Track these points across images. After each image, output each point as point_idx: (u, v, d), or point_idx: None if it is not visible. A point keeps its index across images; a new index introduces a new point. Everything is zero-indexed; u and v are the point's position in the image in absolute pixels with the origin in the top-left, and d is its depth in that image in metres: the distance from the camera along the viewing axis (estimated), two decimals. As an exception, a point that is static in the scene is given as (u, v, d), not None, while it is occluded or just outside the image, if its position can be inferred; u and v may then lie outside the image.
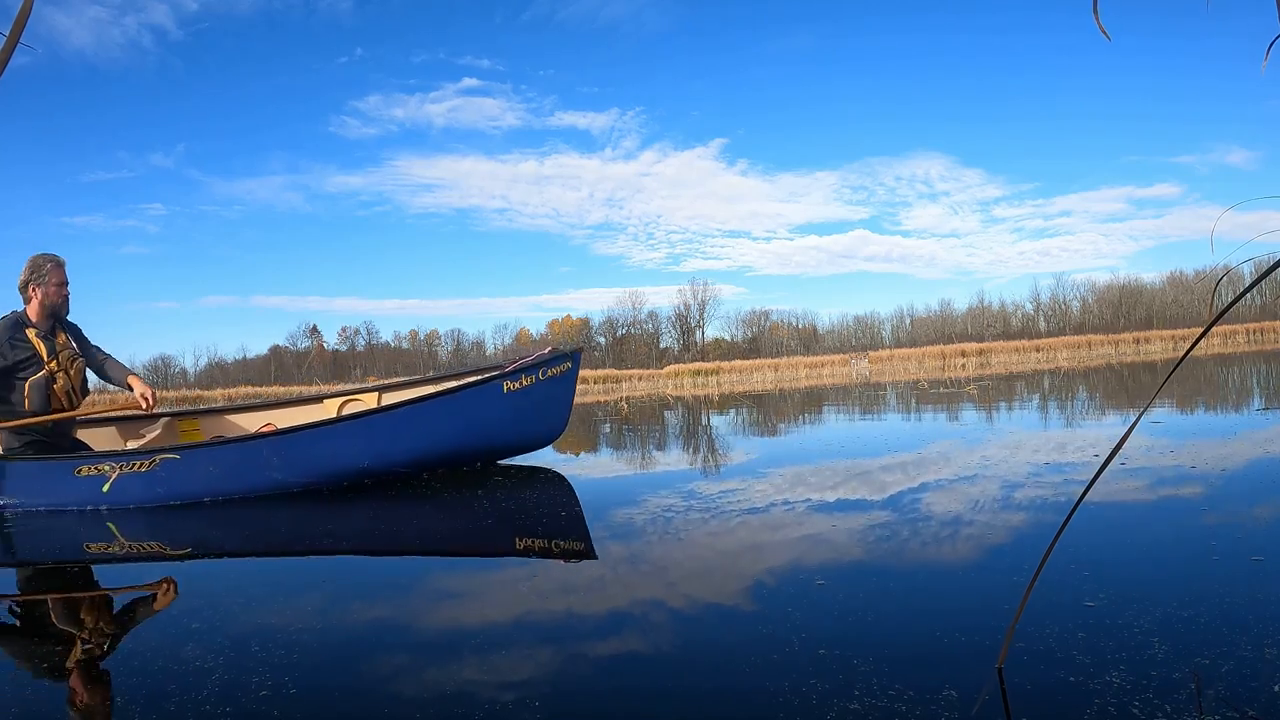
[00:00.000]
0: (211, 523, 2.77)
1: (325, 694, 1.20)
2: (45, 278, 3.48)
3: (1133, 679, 1.08)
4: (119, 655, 1.43)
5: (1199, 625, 1.26)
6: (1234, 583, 1.46)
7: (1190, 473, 2.63)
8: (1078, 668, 1.13)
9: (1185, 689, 1.05)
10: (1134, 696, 1.03)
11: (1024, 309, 57.33)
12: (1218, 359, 13.82)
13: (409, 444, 3.45)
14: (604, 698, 1.15)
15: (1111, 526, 1.99)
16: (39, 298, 3.48)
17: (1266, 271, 1.04)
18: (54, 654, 1.46)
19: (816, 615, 1.43)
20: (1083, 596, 1.44)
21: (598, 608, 1.58)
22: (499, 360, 8.10)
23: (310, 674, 1.28)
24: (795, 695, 1.11)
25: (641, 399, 14.37)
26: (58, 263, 3.52)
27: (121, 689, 1.25)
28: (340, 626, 1.53)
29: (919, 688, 1.10)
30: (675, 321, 59.39)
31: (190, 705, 1.16)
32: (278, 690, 1.20)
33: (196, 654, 1.38)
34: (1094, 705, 1.02)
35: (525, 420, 3.79)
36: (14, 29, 0.68)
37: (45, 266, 3.48)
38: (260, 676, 1.26)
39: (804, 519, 2.29)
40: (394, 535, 2.43)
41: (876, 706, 1.05)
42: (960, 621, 1.36)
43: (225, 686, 1.23)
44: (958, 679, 1.12)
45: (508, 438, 3.82)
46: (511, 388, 3.68)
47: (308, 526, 2.71)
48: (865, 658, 1.23)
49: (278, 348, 59.13)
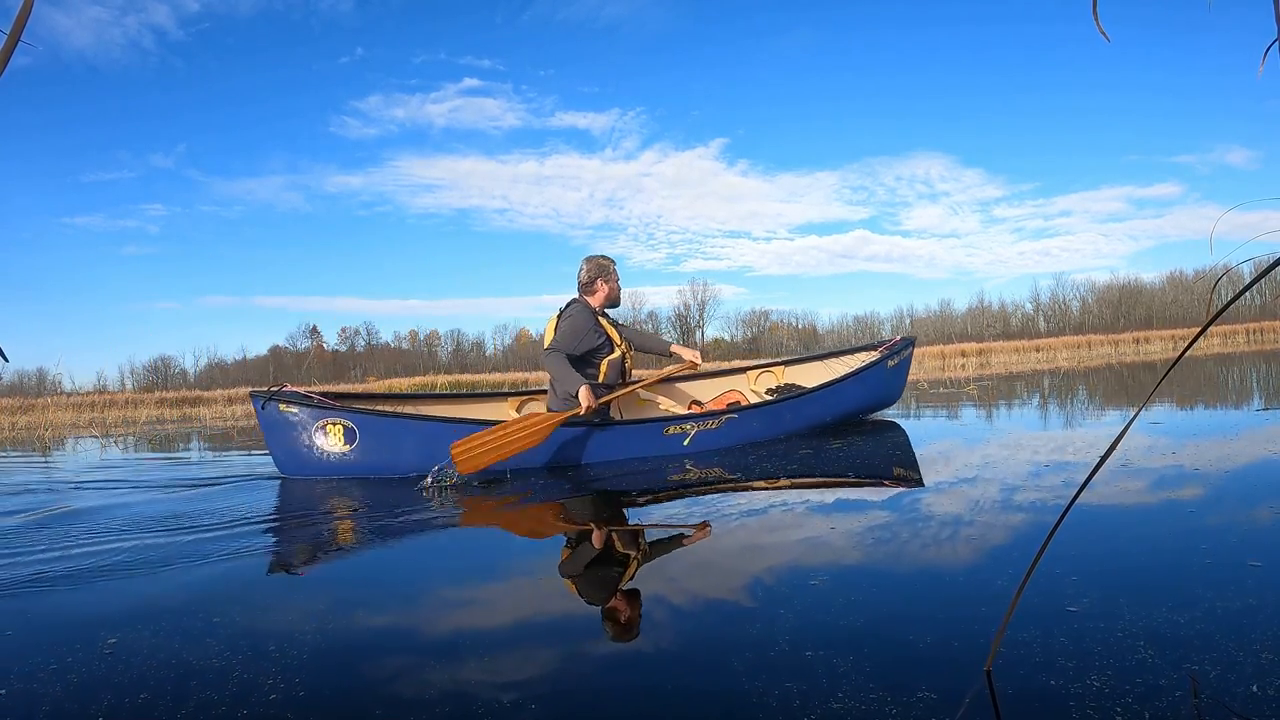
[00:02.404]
0: (759, 458, 3.72)
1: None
2: (610, 275, 4.17)
3: (1121, 682, 1.08)
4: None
5: (1191, 630, 1.26)
6: (1227, 587, 1.46)
7: (1189, 473, 2.63)
8: (1066, 671, 1.13)
9: (1173, 693, 1.04)
10: (1121, 700, 1.03)
11: (1024, 309, 57.41)
12: (1217, 358, 13.81)
13: (842, 405, 4.93)
14: (599, 695, 1.15)
15: (1106, 528, 1.98)
16: (605, 291, 4.17)
17: (1265, 271, 1.04)
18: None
19: (808, 616, 1.43)
20: (1073, 599, 1.43)
21: (593, 606, 1.59)
22: (498, 360, 8.82)
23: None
24: (779, 696, 1.10)
25: (641, 399, 14.33)
26: (613, 261, 4.25)
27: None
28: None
29: (905, 689, 1.10)
30: (675, 321, 59.44)
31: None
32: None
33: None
34: (1082, 708, 1.02)
35: (890, 388, 5.29)
36: (14, 29, 0.68)
37: (609, 266, 4.19)
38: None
39: (802, 519, 2.29)
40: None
41: (860, 708, 1.05)
42: (950, 623, 1.35)
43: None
44: (945, 680, 1.12)
45: (880, 400, 5.32)
46: (890, 365, 5.15)
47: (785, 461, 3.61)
48: (855, 658, 1.22)
49: (278, 348, 59.18)
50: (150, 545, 2.34)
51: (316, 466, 3.71)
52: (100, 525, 2.75)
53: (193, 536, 2.46)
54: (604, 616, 1.52)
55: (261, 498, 3.29)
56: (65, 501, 3.42)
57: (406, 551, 2.23)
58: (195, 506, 3.08)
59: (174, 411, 20.20)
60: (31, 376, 40.20)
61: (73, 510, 3.15)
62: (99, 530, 2.65)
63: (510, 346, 60.07)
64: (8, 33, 0.68)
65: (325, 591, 1.82)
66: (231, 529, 2.56)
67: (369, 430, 3.68)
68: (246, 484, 3.73)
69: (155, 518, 2.85)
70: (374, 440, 3.69)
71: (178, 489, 3.65)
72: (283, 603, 1.73)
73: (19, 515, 3.09)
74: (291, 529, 2.58)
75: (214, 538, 2.42)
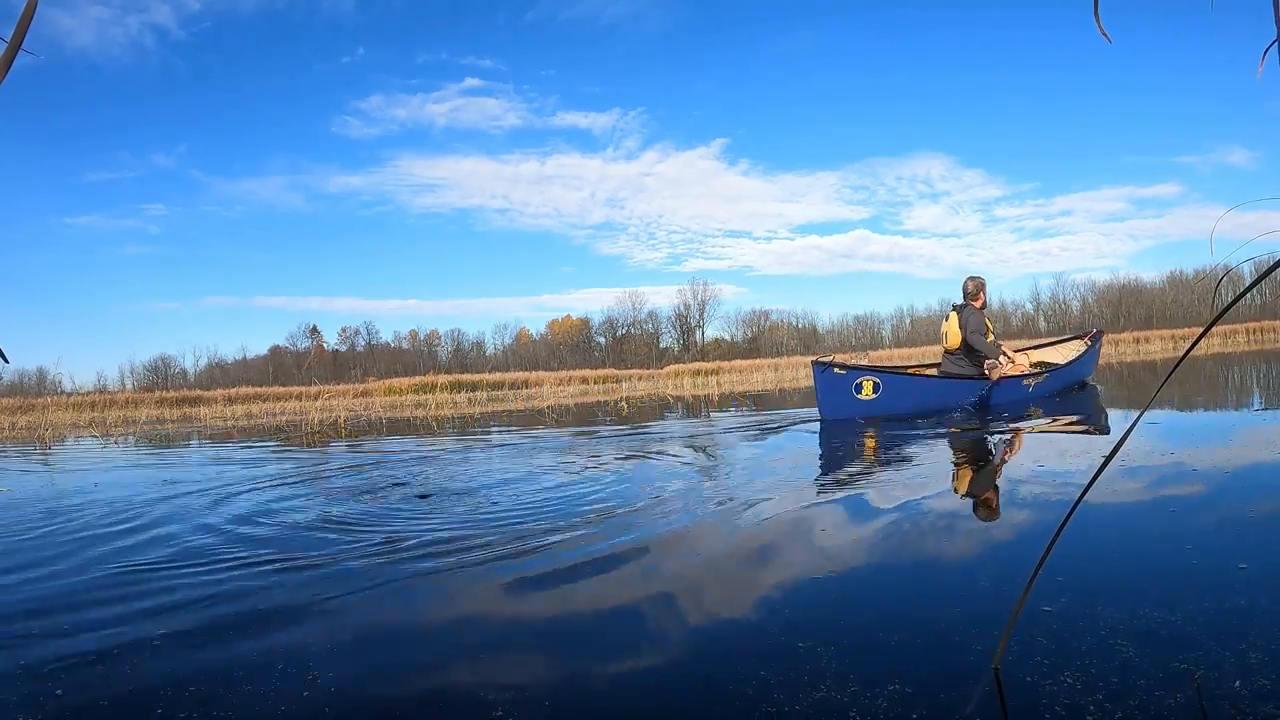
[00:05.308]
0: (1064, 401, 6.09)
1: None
2: (984, 289, 6.36)
3: (1129, 680, 1.09)
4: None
5: (1195, 628, 1.27)
6: (1228, 588, 1.46)
7: (1189, 474, 2.63)
8: (1075, 669, 1.13)
9: (1179, 691, 1.05)
10: (1130, 698, 1.03)
11: (1024, 308, 57.30)
12: (1218, 358, 13.81)
13: (1084, 371, 7.42)
14: (597, 694, 1.15)
15: (1109, 527, 1.99)
16: (982, 299, 6.35)
17: (1266, 272, 1.04)
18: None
19: (813, 613, 1.44)
20: (1078, 598, 1.44)
21: (592, 603, 1.59)
22: (498, 360, 9.86)
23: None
24: (789, 691, 1.11)
25: (641, 399, 14.36)
26: (985, 279, 6.43)
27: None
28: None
29: (915, 686, 1.10)
30: (675, 321, 59.40)
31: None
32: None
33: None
34: (1092, 705, 1.02)
35: (1089, 367, 7.58)
36: (15, 34, 0.68)
37: (983, 282, 6.35)
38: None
39: (801, 519, 2.29)
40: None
41: (872, 704, 1.06)
42: (957, 620, 1.36)
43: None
44: (954, 677, 1.13)
45: (1084, 377, 7.43)
46: (1098, 349, 7.59)
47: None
48: (861, 656, 1.23)
49: (277, 348, 59.15)
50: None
51: (852, 408, 5.84)
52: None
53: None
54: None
55: (844, 429, 5.19)
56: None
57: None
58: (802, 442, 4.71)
59: (174, 411, 20.19)
60: (31, 376, 40.15)
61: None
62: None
63: (510, 346, 60.06)
64: (8, 40, 0.68)
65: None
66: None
67: (889, 385, 6.00)
68: (805, 425, 5.69)
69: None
70: (891, 391, 5.96)
71: (747, 430, 5.63)
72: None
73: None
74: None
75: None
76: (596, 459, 4.30)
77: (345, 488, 3.64)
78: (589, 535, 2.26)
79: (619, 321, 59.89)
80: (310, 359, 56.39)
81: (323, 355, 59.27)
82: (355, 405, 16.31)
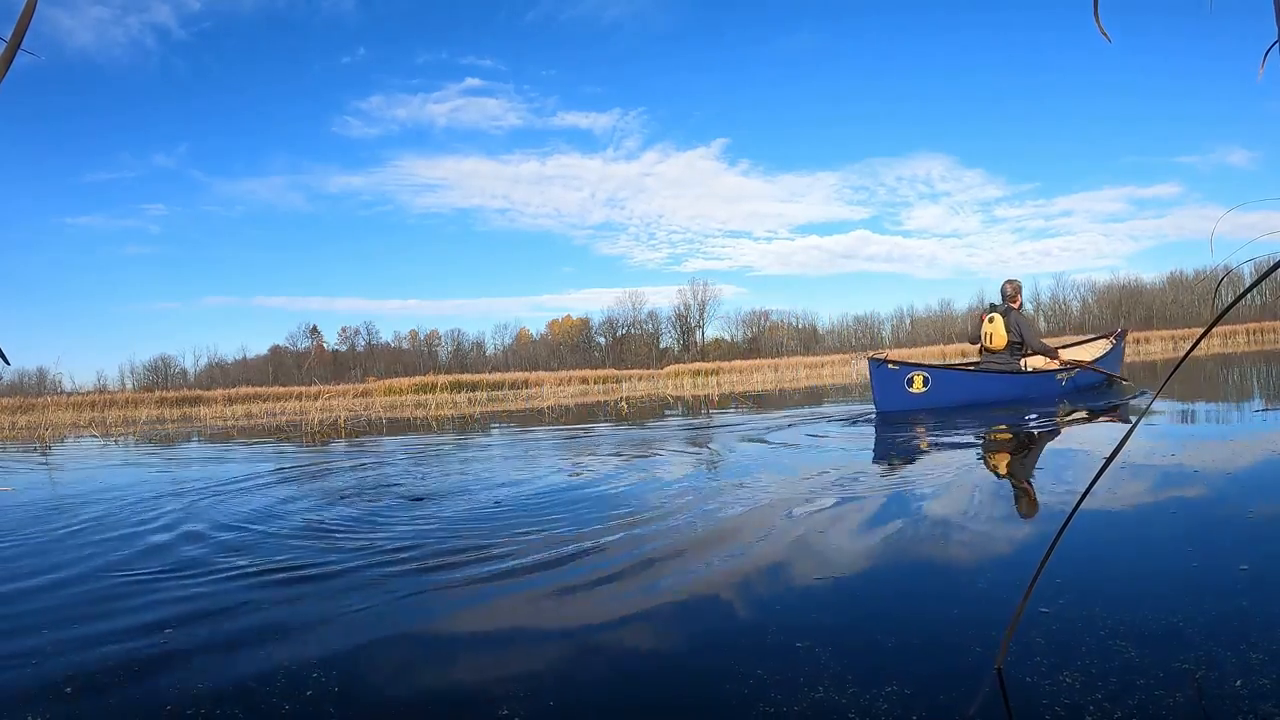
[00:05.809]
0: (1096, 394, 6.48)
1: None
2: (1021, 291, 6.81)
3: (1129, 680, 1.08)
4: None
5: (1196, 629, 1.26)
6: (1229, 589, 1.46)
7: (1189, 474, 2.63)
8: (1075, 669, 1.13)
9: (1180, 691, 1.05)
10: (1130, 698, 1.03)
11: (1024, 309, 57.29)
12: (1218, 359, 13.81)
13: (1113, 367, 7.63)
14: (597, 693, 1.15)
15: (1110, 528, 1.99)
16: (1020, 300, 6.80)
17: (1266, 273, 1.04)
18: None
19: (815, 615, 1.44)
20: (1080, 598, 1.44)
21: (592, 603, 1.59)
22: (498, 360, 10.12)
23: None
24: (787, 691, 1.11)
25: (641, 399, 14.36)
26: (1021, 281, 6.89)
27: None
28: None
29: (914, 687, 1.10)
30: (675, 321, 59.37)
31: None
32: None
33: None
34: (1092, 706, 1.02)
35: (1115, 365, 7.73)
36: (15, 34, 0.68)
37: (1020, 285, 6.82)
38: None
39: (802, 519, 2.29)
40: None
41: (872, 705, 1.06)
42: (960, 621, 1.36)
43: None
44: (953, 678, 1.13)
45: (1111, 373, 7.53)
46: (1120, 348, 7.99)
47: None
48: (861, 656, 1.23)
49: (278, 348, 59.13)
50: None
51: (905, 401, 6.24)
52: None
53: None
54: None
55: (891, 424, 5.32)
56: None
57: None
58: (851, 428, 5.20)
59: (174, 411, 20.20)
60: (32, 376, 40.13)
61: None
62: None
63: (510, 347, 60.05)
64: (8, 40, 0.68)
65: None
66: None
67: (938, 379, 6.45)
68: (805, 424, 5.67)
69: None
70: (940, 385, 6.40)
71: (747, 430, 5.57)
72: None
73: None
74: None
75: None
76: (596, 459, 4.30)
77: (346, 488, 3.64)
78: (589, 535, 2.26)
79: (619, 322, 59.88)
80: (310, 359, 56.40)
81: (323, 355, 59.26)
82: (355, 405, 16.32)
